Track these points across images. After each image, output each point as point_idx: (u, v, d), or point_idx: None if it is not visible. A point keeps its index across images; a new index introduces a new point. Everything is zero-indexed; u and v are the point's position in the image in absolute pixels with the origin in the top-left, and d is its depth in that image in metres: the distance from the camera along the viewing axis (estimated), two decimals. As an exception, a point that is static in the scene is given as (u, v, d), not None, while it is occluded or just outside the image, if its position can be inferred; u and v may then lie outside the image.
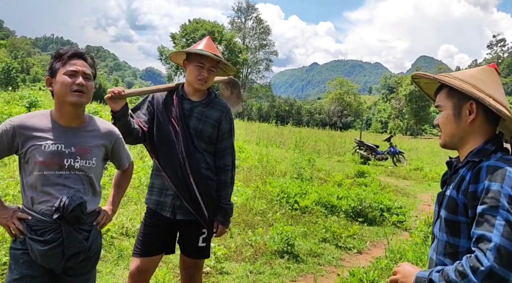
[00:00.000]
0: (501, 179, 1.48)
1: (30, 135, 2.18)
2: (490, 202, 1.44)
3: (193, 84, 2.87)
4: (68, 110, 2.24)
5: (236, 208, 6.90)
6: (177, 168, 2.82)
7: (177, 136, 2.85)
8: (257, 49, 69.86)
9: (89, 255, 2.31)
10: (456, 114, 1.69)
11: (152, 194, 2.93)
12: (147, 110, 2.95)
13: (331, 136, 25.49)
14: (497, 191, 1.45)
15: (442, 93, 1.76)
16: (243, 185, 8.53)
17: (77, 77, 2.21)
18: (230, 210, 3.00)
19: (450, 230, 1.64)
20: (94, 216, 2.36)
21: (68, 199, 2.12)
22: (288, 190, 7.85)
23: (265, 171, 10.81)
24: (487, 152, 1.62)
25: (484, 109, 1.63)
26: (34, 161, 2.16)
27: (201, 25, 55.78)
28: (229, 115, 3.00)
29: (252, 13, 71.03)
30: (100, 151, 2.36)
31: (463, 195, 1.58)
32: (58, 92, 2.20)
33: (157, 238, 2.90)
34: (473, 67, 2.16)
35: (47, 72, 2.26)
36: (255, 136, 19.87)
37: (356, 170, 12.62)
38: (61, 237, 2.14)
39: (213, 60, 2.85)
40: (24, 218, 2.17)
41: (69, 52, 2.25)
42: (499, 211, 1.42)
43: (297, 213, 7.22)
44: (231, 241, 5.54)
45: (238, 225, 6.23)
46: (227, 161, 2.99)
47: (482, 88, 1.64)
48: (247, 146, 14.70)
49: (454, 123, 1.70)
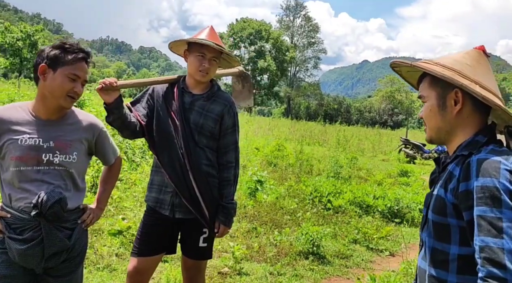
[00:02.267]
0: (495, 172, 1.29)
1: (6, 128, 2.08)
2: (490, 202, 1.25)
3: (194, 75, 2.73)
4: (52, 106, 2.14)
5: (265, 207, 6.76)
6: (176, 164, 2.69)
7: (176, 131, 2.71)
8: (305, 47, 69.27)
9: (72, 254, 2.20)
10: (441, 105, 1.50)
11: (151, 191, 2.82)
12: (146, 103, 2.83)
13: (378, 134, 24.82)
14: (494, 187, 1.26)
15: (425, 83, 1.57)
16: (276, 183, 8.36)
17: (77, 83, 2.14)
18: (232, 210, 2.85)
19: (438, 234, 1.44)
20: (77, 213, 2.26)
21: (47, 194, 2.01)
22: (321, 189, 7.61)
23: (302, 169, 10.58)
24: (478, 144, 1.43)
25: (472, 98, 1.44)
26: (10, 156, 2.07)
27: (248, 24, 55.88)
28: (232, 110, 2.85)
29: (300, 11, 70.52)
30: (82, 145, 2.24)
31: (452, 194, 1.39)
32: (52, 89, 2.09)
33: (156, 237, 2.79)
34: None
35: (46, 60, 2.10)
36: (298, 135, 19.63)
37: (399, 169, 12.20)
38: (41, 235, 2.04)
39: (215, 50, 2.69)
40: (3, 216, 2.08)
41: (78, 53, 2.14)
42: (503, 210, 1.23)
43: (329, 213, 6.99)
44: (255, 241, 5.40)
45: (265, 224, 6.08)
46: (230, 157, 2.84)
47: (467, 74, 1.45)
48: (288, 144, 14.48)
49: (439, 116, 1.51)
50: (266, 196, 7.21)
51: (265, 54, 55.73)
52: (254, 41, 55.46)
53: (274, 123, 23.72)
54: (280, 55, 56.64)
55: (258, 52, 55.64)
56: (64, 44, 2.15)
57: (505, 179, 1.27)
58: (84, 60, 2.17)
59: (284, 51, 57.30)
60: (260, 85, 57.38)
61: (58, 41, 2.20)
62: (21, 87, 20.37)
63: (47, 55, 2.12)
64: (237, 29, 55.64)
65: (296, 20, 70.43)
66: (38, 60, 2.13)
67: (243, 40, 55.44)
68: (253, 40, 55.33)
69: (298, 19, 70.43)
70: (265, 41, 56.08)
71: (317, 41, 69.98)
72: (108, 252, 4.50)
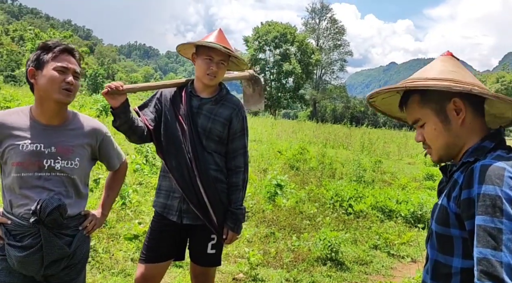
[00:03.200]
0: (498, 180, 1.20)
1: (8, 134, 2.07)
2: (490, 211, 1.17)
3: (202, 79, 2.69)
4: (50, 107, 2.11)
5: (284, 211, 6.68)
6: (184, 169, 2.65)
7: (184, 136, 2.67)
8: (331, 50, 68.74)
9: (72, 262, 2.16)
10: (444, 120, 1.41)
11: (159, 196, 2.79)
12: (154, 107, 2.79)
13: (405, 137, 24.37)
14: (495, 196, 1.18)
15: (413, 104, 1.46)
16: (297, 187, 8.26)
17: (67, 74, 2.09)
18: (241, 215, 2.78)
19: (442, 246, 1.36)
20: (79, 219, 2.23)
21: (45, 201, 1.99)
22: (342, 193, 7.48)
23: (324, 173, 10.44)
24: (485, 150, 1.35)
25: (470, 103, 1.38)
26: (11, 162, 2.05)
27: (273, 27, 55.77)
28: (241, 113, 2.79)
29: (326, 14, 70.03)
30: (84, 150, 2.21)
31: (455, 202, 1.31)
32: (43, 87, 2.06)
33: (164, 243, 2.75)
34: None
35: (31, 63, 2.10)
36: (322, 138, 19.43)
37: (425, 173, 11.92)
38: (40, 242, 2.02)
39: (222, 53, 2.64)
40: (4, 222, 2.07)
41: (60, 46, 2.11)
42: (504, 221, 1.15)
43: (350, 218, 6.85)
44: (272, 246, 5.32)
45: (283, 229, 6.00)
46: (238, 162, 2.78)
47: (461, 80, 1.37)
48: (311, 147, 14.32)
49: (445, 132, 1.42)
50: (286, 200, 7.13)
51: (290, 57, 55.51)
52: (279, 44, 55.29)
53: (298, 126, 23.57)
54: (305, 58, 56.32)
55: (283, 55, 55.46)
56: (45, 43, 2.14)
57: (509, 187, 1.18)
58: (67, 52, 2.13)
59: (309, 54, 56.95)
60: (285, 88, 57.20)
61: (41, 42, 2.19)
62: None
63: (31, 59, 2.11)
64: (262, 33, 55.57)
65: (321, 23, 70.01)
66: (26, 67, 2.13)
67: (268, 43, 55.31)
68: (278, 43, 55.16)
69: (324, 22, 69.99)
70: (290, 44, 55.84)
71: (343, 44, 69.40)
72: (124, 257, 4.49)
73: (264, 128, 19.71)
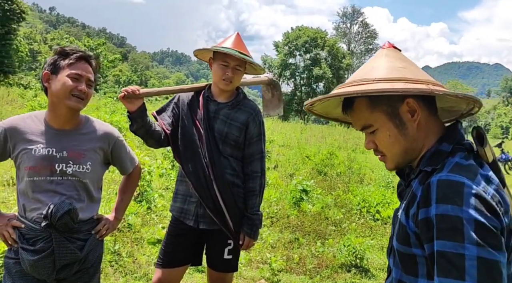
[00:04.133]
0: (458, 199, 1.05)
1: (21, 138, 2.10)
2: (451, 235, 1.03)
3: (218, 84, 2.68)
4: (62, 112, 2.13)
5: (309, 217, 6.61)
6: (200, 174, 2.64)
7: (201, 140, 2.67)
8: (363, 54, 68.13)
9: (84, 266, 2.18)
10: (398, 125, 1.26)
11: (176, 201, 2.79)
12: (172, 112, 2.80)
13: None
14: (456, 217, 1.03)
15: (361, 109, 1.30)
16: (324, 192, 8.17)
17: (81, 82, 2.11)
18: (258, 221, 2.75)
19: (405, 266, 1.22)
20: (91, 223, 2.24)
21: (56, 206, 2.01)
22: (370, 199, 7.36)
23: (352, 178, 10.30)
24: (443, 155, 1.21)
25: (424, 101, 1.25)
26: (24, 167, 2.08)
27: (303, 32, 55.64)
28: (258, 118, 2.77)
29: (358, 18, 69.53)
30: (96, 154, 2.22)
31: (413, 221, 1.16)
32: (56, 92, 2.08)
33: (180, 248, 2.75)
34: None
35: (47, 67, 2.13)
36: (352, 142, 19.24)
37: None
38: (52, 246, 2.04)
39: (238, 59, 2.63)
40: (18, 226, 2.11)
41: (77, 53, 2.14)
42: (466, 246, 1.01)
43: (377, 224, 6.73)
44: (296, 252, 5.26)
45: (308, 235, 5.93)
46: (255, 167, 2.76)
47: (414, 78, 1.22)
48: (340, 152, 14.18)
49: (401, 137, 1.26)
50: (311, 205, 7.06)
51: (321, 61, 55.22)
52: (309, 49, 55.07)
53: (328, 131, 23.41)
54: (336, 63, 55.90)
55: (313, 60, 55.20)
56: (63, 49, 2.16)
57: (470, 206, 1.04)
58: (83, 59, 2.15)
59: (340, 58, 56.50)
60: (315, 93, 56.86)
61: (59, 47, 2.20)
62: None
63: (48, 62, 2.14)
64: (292, 38, 55.49)
65: (353, 27, 69.52)
66: (42, 70, 2.16)
67: (298, 48, 55.16)
68: (308, 48, 54.94)
69: (355, 26, 69.48)
70: (320, 49, 55.55)
71: (375, 48, 68.57)
72: (147, 261, 4.52)
73: (293, 133, 19.64)
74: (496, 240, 1.03)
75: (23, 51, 44.70)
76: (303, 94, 56.62)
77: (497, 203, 1.08)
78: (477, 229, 1.02)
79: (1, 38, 39.11)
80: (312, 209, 6.90)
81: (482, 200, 1.05)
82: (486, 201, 1.06)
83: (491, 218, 1.04)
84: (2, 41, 39.03)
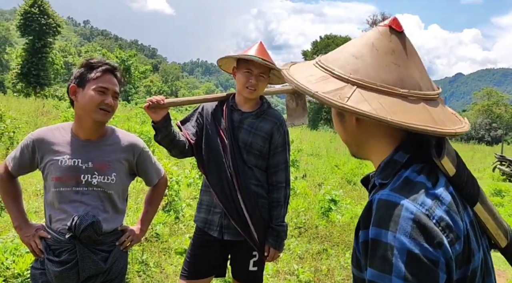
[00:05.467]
0: (394, 223, 0.92)
1: (49, 149, 2.13)
2: (380, 264, 0.91)
3: (242, 92, 2.65)
4: (88, 124, 2.15)
5: (338, 227, 6.49)
6: (225, 184, 2.62)
7: (225, 150, 2.65)
8: (393, 62, 67.40)
9: (109, 277, 2.18)
10: (338, 114, 1.15)
11: (200, 211, 2.77)
12: (196, 122, 2.79)
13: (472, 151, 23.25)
14: (387, 244, 0.91)
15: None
16: (353, 202, 8.03)
17: (107, 95, 2.13)
18: (283, 232, 2.70)
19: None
20: (115, 235, 2.24)
21: (80, 218, 2.01)
22: (400, 209, 7.17)
23: (383, 188, 10.10)
24: (396, 166, 1.05)
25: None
26: (51, 177, 2.11)
27: (332, 40, 55.53)
28: (282, 128, 2.73)
29: (387, 25, 68.95)
30: (122, 165, 2.23)
31: (357, 243, 1.04)
32: (83, 105, 2.10)
33: (205, 259, 2.72)
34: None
35: (74, 80, 2.15)
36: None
37: (493, 188, 11.25)
38: (76, 257, 2.05)
39: (262, 66, 2.60)
40: (45, 237, 2.12)
41: (103, 66, 2.16)
42: (392, 279, 0.89)
43: (408, 235, 6.54)
44: (324, 263, 5.16)
45: (337, 245, 5.81)
46: (280, 177, 2.71)
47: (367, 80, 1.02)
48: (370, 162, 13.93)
49: (341, 127, 1.16)
50: (340, 216, 6.94)
51: (350, 70, 54.84)
52: (338, 57, 54.77)
53: (358, 140, 23.05)
54: (365, 71, 55.45)
55: (342, 68, 54.90)
56: (88, 61, 2.17)
57: (404, 233, 0.90)
58: (110, 72, 2.16)
59: (369, 67, 56.04)
60: (345, 102, 56.40)
61: (84, 59, 2.22)
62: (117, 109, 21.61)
63: (74, 75, 2.15)
64: (321, 46, 55.37)
65: (382, 35, 68.97)
66: (69, 83, 2.18)
67: (327, 57, 54.95)
68: (337, 56, 54.65)
69: (385, 33, 68.89)
70: (349, 57, 55.21)
71: (405, 55, 67.83)
72: (174, 271, 4.51)
73: (322, 142, 19.48)
74: (430, 276, 0.89)
75: (58, 63, 46.02)
76: (332, 103, 56.19)
77: (444, 228, 0.94)
78: (408, 262, 0.89)
79: (38, 51, 40.43)
80: (341, 219, 6.78)
81: (421, 227, 0.91)
82: (425, 228, 0.91)
83: (427, 249, 0.90)
84: (38, 54, 40.34)
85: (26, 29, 40.05)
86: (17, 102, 18.55)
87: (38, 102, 19.75)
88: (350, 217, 6.94)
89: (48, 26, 40.57)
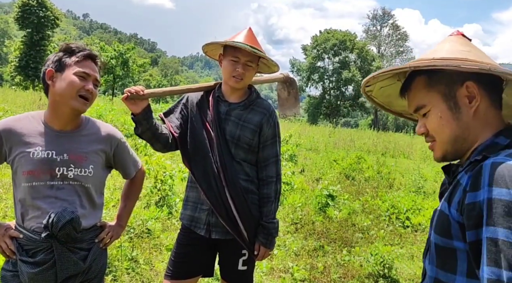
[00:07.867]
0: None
1: (18, 140, 1.95)
2: (505, 221, 0.93)
3: (228, 82, 2.49)
4: (65, 113, 1.99)
5: (335, 223, 6.36)
6: (212, 180, 2.46)
7: (211, 144, 2.49)
8: (393, 57, 67.15)
9: (88, 276, 2.03)
10: (452, 107, 1.17)
11: (186, 208, 2.62)
12: (180, 113, 2.62)
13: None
14: (508, 201, 0.93)
15: (418, 87, 1.23)
16: (351, 198, 7.88)
17: (88, 82, 1.98)
18: (273, 229, 2.55)
19: (442, 261, 1.12)
20: (94, 231, 2.09)
21: (57, 215, 1.86)
22: (399, 205, 7.04)
23: (381, 183, 9.96)
24: (497, 147, 1.11)
25: (486, 89, 1.15)
26: (22, 171, 1.93)
27: (332, 35, 55.14)
28: (272, 119, 2.56)
29: (388, 20, 68.62)
30: (99, 157, 2.07)
31: (457, 209, 1.07)
32: (61, 91, 1.94)
33: (191, 258, 2.58)
34: None
35: (51, 64, 1.98)
36: (382, 146, 18.76)
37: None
38: (53, 258, 1.89)
39: (250, 54, 2.43)
40: (16, 236, 1.96)
41: (84, 51, 2.01)
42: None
43: (407, 231, 6.41)
44: (320, 260, 5.02)
45: (334, 242, 5.68)
46: (270, 172, 2.56)
47: (477, 60, 1.12)
48: (369, 157, 13.79)
49: (453, 121, 1.18)
50: (338, 211, 6.79)
51: (350, 64, 54.64)
52: (338, 52, 54.54)
53: (357, 135, 22.89)
54: (365, 65, 55.08)
55: (342, 63, 54.65)
56: (68, 45, 2.02)
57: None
58: (90, 58, 2.02)
59: (369, 61, 55.65)
60: (344, 97, 56.21)
61: (63, 43, 2.06)
62: (115, 102, 21.42)
63: (52, 60, 1.99)
64: (321, 41, 55.04)
65: (383, 29, 68.68)
66: (44, 67, 2.01)
67: (327, 51, 54.67)
68: (337, 51, 54.42)
69: (386, 28, 68.60)
70: (349, 52, 54.99)
71: (406, 50, 67.62)
72: (164, 268, 4.36)
73: (321, 137, 19.30)
74: None
75: (56, 57, 45.58)
76: (331, 97, 56.09)
77: None
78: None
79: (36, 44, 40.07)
80: (338, 215, 6.64)
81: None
82: None
83: None
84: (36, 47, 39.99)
85: (24, 22, 39.65)
86: (14, 94, 18.35)
87: (35, 95, 19.53)
88: (348, 213, 6.79)
89: (47, 18, 40.19)
